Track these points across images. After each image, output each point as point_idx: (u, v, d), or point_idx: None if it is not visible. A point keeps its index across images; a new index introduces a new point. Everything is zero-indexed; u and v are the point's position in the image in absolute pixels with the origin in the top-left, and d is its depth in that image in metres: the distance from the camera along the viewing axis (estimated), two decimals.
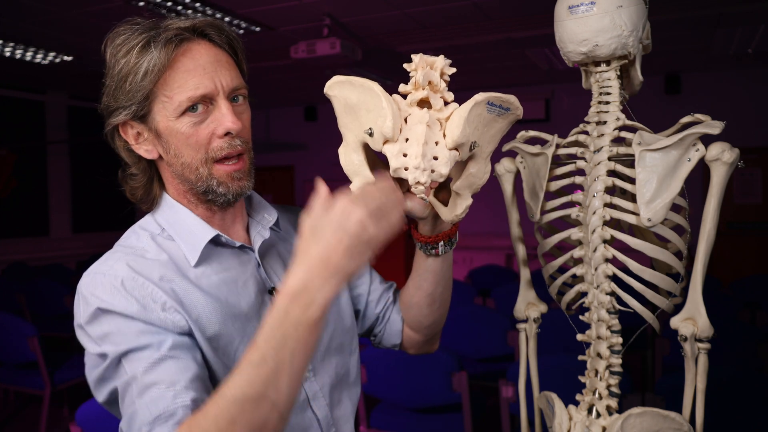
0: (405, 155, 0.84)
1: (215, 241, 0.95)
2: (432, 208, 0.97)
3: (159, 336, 0.82)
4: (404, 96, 0.88)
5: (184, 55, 0.90)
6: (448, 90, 0.88)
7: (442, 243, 1.01)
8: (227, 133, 0.90)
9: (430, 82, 0.86)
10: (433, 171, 0.84)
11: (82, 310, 0.86)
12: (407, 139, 0.84)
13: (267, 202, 1.07)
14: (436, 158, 0.84)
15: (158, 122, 0.90)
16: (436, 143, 0.84)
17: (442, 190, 0.99)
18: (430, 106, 0.86)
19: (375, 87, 0.85)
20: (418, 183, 0.84)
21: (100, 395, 0.87)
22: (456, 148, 0.85)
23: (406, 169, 0.84)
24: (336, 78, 0.89)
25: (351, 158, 0.91)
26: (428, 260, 1.05)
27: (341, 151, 0.92)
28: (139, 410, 0.78)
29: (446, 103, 0.87)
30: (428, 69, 0.86)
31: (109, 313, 0.83)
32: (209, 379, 0.86)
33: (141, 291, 0.85)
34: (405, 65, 0.87)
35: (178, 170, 0.92)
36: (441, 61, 0.86)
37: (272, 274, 1.01)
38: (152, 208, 0.98)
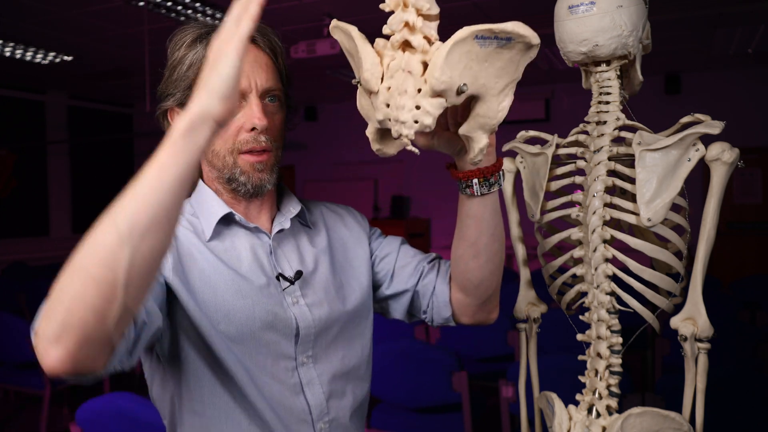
0: (387, 105, 0.77)
1: (230, 220, 1.03)
2: (461, 142, 0.89)
3: None
4: (389, 37, 0.79)
5: None
6: (436, 23, 0.78)
7: (476, 181, 0.94)
8: (253, 129, 0.97)
9: (406, 23, 0.77)
10: (416, 122, 0.76)
11: None
12: (389, 88, 0.77)
13: (295, 198, 1.12)
14: (418, 107, 0.75)
15: None
16: (419, 90, 0.75)
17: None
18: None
19: (353, 32, 0.80)
20: (401, 135, 0.77)
21: None
22: (440, 95, 0.75)
23: (389, 120, 0.77)
24: (332, 23, 0.85)
25: (361, 102, 0.86)
26: (467, 203, 0.98)
27: (358, 93, 0.87)
28: None
29: (431, 41, 0.77)
30: (399, 11, 0.77)
31: None
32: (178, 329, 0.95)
33: None
34: (380, 5, 0.79)
35: (209, 156, 1.01)
36: None
37: (283, 261, 1.05)
38: (192, 190, 1.07)
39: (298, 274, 1.03)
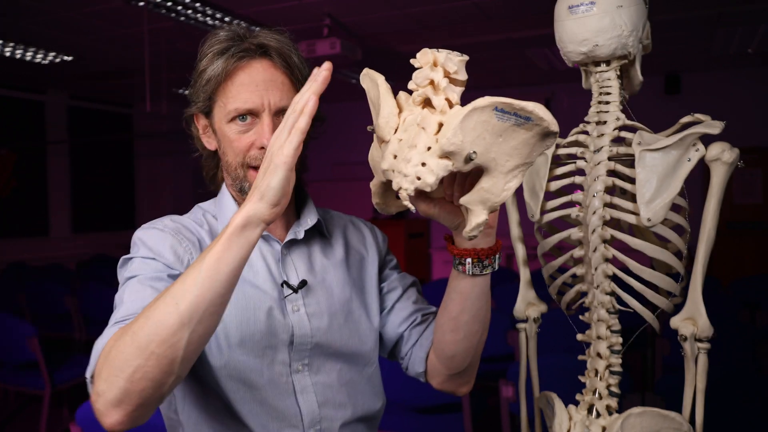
0: (395, 157, 0.77)
1: None
2: (461, 216, 0.88)
3: (166, 270, 0.96)
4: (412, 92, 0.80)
5: (243, 70, 1.00)
6: (460, 88, 0.79)
7: (469, 261, 0.93)
8: (263, 147, 0.99)
9: (431, 81, 0.78)
10: (419, 178, 0.75)
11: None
12: (401, 140, 0.78)
13: (314, 209, 1.14)
14: (424, 164, 0.75)
15: (215, 121, 1.04)
16: (428, 148, 0.76)
17: None
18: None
19: (379, 80, 0.81)
20: (400, 189, 0.77)
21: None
22: (447, 157, 0.75)
23: (392, 171, 0.78)
24: (364, 71, 0.86)
25: (372, 153, 0.86)
26: (456, 279, 0.98)
27: (372, 145, 0.87)
28: (119, 303, 0.92)
29: (452, 105, 0.78)
30: (429, 66, 0.78)
31: (143, 244, 1.00)
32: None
33: (175, 236, 1.01)
34: (411, 60, 0.80)
35: (225, 165, 1.06)
36: (443, 58, 0.77)
37: (290, 269, 1.06)
38: (218, 190, 1.12)
39: (302, 283, 1.04)
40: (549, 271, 1.26)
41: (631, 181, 1.11)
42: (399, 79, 0.88)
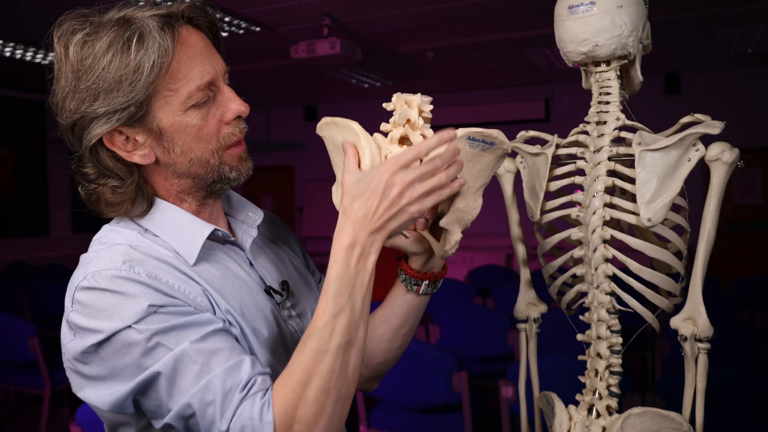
0: None
1: (209, 237, 0.91)
2: (426, 243, 0.97)
3: (200, 315, 0.80)
4: (386, 134, 0.89)
5: (182, 44, 0.82)
6: (430, 126, 0.88)
7: (426, 282, 1.01)
8: (237, 117, 0.88)
9: (408, 120, 0.87)
10: None
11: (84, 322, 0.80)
12: None
13: (248, 201, 1.03)
14: None
15: (161, 120, 0.83)
16: None
17: (437, 225, 0.97)
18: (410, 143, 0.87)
19: (355, 126, 0.86)
20: None
21: (119, 386, 0.78)
22: None
23: None
24: (323, 119, 0.92)
25: (338, 195, 0.90)
26: (406, 296, 1.02)
27: (334, 189, 0.92)
28: (214, 380, 0.75)
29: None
30: (405, 107, 0.87)
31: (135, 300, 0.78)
32: None
33: (164, 277, 0.82)
34: (384, 104, 0.89)
35: (184, 167, 0.87)
36: (418, 99, 0.87)
37: (264, 274, 0.98)
38: (146, 211, 0.90)
39: (285, 285, 0.98)
40: (549, 271, 1.26)
41: (631, 181, 1.11)
42: (399, 78, 0.90)
